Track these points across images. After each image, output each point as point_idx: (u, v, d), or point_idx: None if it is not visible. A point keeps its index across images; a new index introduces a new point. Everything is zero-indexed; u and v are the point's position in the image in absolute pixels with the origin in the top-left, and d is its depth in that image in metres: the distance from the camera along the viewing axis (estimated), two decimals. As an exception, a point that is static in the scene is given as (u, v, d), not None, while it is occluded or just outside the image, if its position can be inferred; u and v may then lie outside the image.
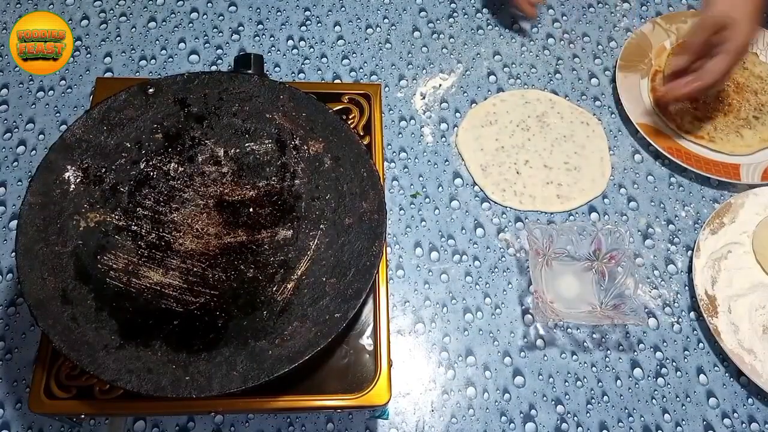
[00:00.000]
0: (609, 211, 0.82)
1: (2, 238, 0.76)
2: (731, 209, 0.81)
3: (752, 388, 0.72)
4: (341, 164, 0.63)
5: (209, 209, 0.62)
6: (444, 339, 0.73)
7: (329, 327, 0.55)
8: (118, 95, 0.64)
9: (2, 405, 0.67)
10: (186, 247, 0.60)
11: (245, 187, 0.63)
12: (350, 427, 0.68)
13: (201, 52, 0.90)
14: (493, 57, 0.93)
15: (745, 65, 0.92)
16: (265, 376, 0.52)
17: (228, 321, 0.56)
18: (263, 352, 0.54)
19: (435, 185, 0.83)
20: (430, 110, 0.88)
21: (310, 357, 0.53)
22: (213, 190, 0.63)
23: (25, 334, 0.70)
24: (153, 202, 0.62)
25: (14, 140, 0.82)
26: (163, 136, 0.64)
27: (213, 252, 0.60)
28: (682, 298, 0.77)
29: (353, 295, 0.56)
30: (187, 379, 0.52)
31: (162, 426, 0.67)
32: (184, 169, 0.64)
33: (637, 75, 0.91)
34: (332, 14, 0.95)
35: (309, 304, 0.57)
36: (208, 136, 0.65)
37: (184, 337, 0.55)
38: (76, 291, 0.56)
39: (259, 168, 0.64)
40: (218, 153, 0.65)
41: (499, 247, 0.79)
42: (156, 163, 0.63)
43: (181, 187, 0.63)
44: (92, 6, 0.93)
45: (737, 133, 0.87)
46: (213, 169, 0.64)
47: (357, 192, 0.62)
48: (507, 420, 0.70)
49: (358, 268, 0.58)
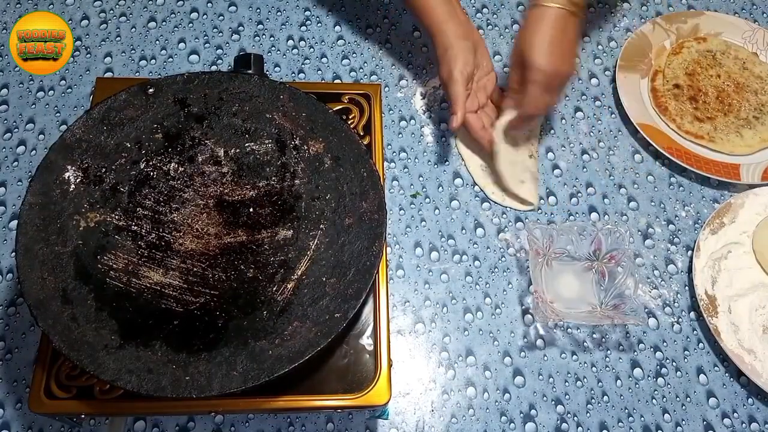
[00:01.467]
0: (609, 211, 0.82)
1: (2, 238, 0.76)
2: (731, 209, 0.81)
3: (752, 388, 0.72)
4: (341, 164, 0.63)
5: (209, 209, 0.62)
6: (444, 339, 0.73)
7: (329, 327, 0.55)
8: (118, 95, 0.64)
9: (2, 405, 0.67)
10: (186, 247, 0.60)
11: (245, 187, 0.63)
12: (350, 427, 0.68)
13: (201, 52, 0.90)
14: (493, 57, 0.93)
15: (745, 65, 0.92)
16: (265, 376, 0.52)
17: (228, 321, 0.56)
18: (263, 352, 0.54)
19: (435, 185, 0.83)
20: (430, 110, 0.88)
21: (310, 357, 0.53)
22: (213, 190, 0.63)
23: (25, 334, 0.70)
24: (153, 202, 0.62)
25: (14, 140, 0.82)
26: (163, 136, 0.64)
27: (213, 252, 0.60)
28: (682, 298, 0.77)
29: (353, 295, 0.56)
30: (187, 379, 0.52)
31: (162, 426, 0.67)
32: (184, 169, 0.64)
33: (637, 75, 0.91)
34: (332, 14, 0.95)
35: (309, 304, 0.57)
36: (208, 136, 0.65)
37: (184, 337, 0.55)
38: (76, 291, 0.56)
39: (259, 168, 0.64)
40: (218, 153, 0.65)
41: (499, 247, 0.79)
42: (156, 163, 0.63)
43: (181, 187, 0.63)
44: (92, 6, 0.93)
45: (737, 133, 0.87)
46: (213, 169, 0.64)
47: (357, 192, 0.62)
48: (507, 420, 0.70)
49: (358, 268, 0.58)
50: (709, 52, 0.93)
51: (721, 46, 0.94)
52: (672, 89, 0.90)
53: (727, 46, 0.94)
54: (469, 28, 0.80)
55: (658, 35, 0.94)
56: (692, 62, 0.92)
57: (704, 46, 0.94)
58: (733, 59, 0.93)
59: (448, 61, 0.77)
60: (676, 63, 0.92)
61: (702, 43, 0.94)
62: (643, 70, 0.92)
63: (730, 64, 0.93)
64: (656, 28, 0.95)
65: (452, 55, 0.77)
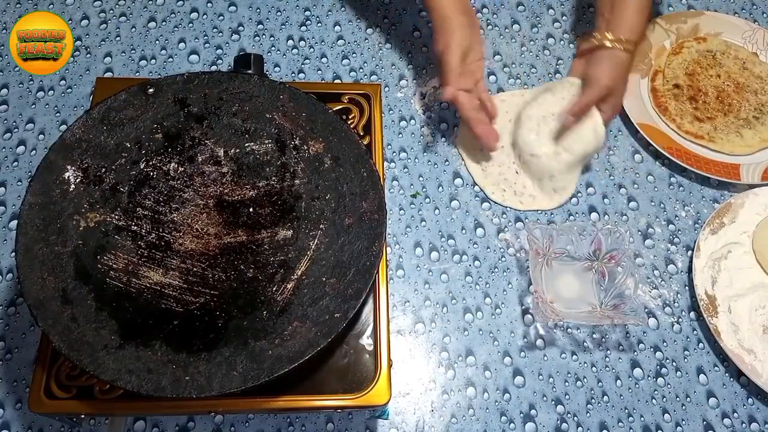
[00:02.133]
0: (609, 211, 0.82)
1: (2, 238, 0.76)
2: (731, 209, 0.81)
3: (752, 388, 0.72)
4: (341, 164, 0.64)
5: (209, 209, 0.62)
6: (444, 339, 0.73)
7: (329, 327, 0.55)
8: (118, 95, 0.64)
9: (2, 405, 0.67)
10: (186, 247, 0.60)
11: (245, 187, 0.63)
12: (350, 427, 0.68)
13: (201, 52, 0.90)
14: (493, 57, 0.93)
15: (745, 65, 0.92)
16: (265, 376, 0.52)
17: (228, 321, 0.56)
18: (263, 352, 0.54)
19: (435, 185, 0.83)
20: (430, 110, 0.88)
21: (310, 357, 0.53)
22: (213, 190, 0.63)
23: (25, 334, 0.70)
24: (153, 202, 0.62)
25: (14, 140, 0.82)
26: (163, 136, 0.64)
27: (213, 252, 0.60)
28: (682, 298, 0.77)
29: (353, 295, 0.56)
30: (187, 379, 0.52)
31: (162, 426, 0.67)
32: (184, 169, 0.64)
33: (637, 75, 0.91)
34: (332, 14, 0.95)
35: (309, 304, 0.57)
36: (208, 136, 0.65)
37: (184, 337, 0.55)
38: (76, 291, 0.56)
39: (259, 168, 0.64)
40: (218, 153, 0.65)
41: (499, 247, 0.79)
42: (156, 163, 0.63)
43: (181, 187, 0.63)
44: (92, 6, 0.93)
45: (737, 133, 0.87)
46: (213, 169, 0.64)
47: (357, 192, 0.62)
48: (507, 420, 0.70)
49: (358, 268, 0.58)
50: (709, 52, 0.93)
51: (721, 46, 0.94)
52: (672, 89, 0.90)
53: (727, 46, 0.94)
54: (469, 8, 0.79)
55: (658, 35, 0.94)
56: (692, 62, 0.92)
57: (704, 46, 0.94)
58: (733, 59, 0.93)
59: (446, 31, 0.76)
60: (676, 63, 0.92)
61: (702, 43, 0.94)
62: (643, 70, 0.92)
63: (730, 64, 0.93)
64: (656, 28, 0.95)
65: (450, 27, 0.76)
